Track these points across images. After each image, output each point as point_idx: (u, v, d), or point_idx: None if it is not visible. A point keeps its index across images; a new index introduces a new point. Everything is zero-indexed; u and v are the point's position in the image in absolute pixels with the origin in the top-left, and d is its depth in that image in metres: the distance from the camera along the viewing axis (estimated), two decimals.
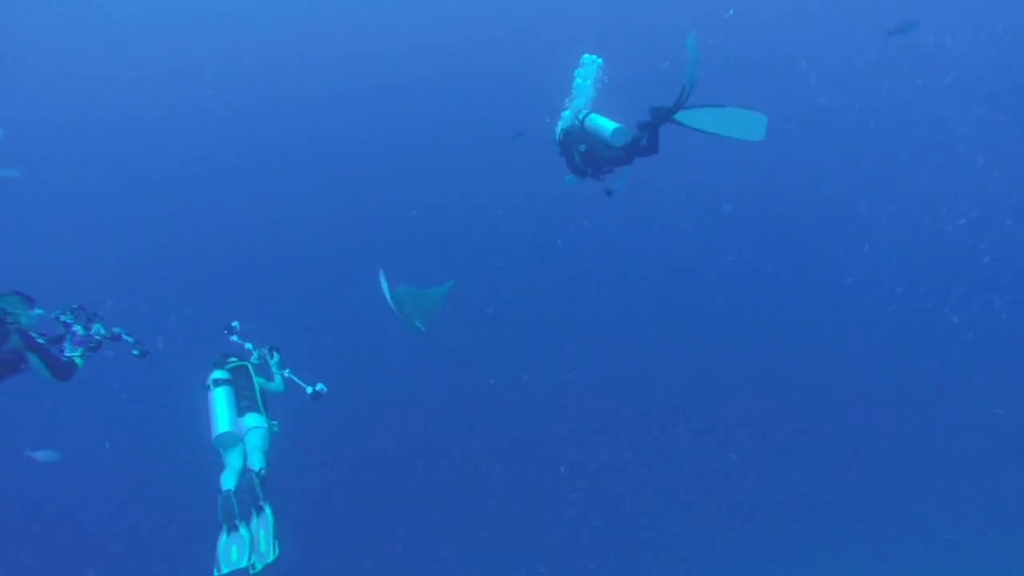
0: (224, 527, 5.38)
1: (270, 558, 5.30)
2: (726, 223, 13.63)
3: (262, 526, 5.47)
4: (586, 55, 7.16)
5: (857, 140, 14.64)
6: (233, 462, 5.88)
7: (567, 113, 7.05)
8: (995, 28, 14.56)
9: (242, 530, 5.36)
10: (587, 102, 7.07)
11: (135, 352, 5.92)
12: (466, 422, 11.30)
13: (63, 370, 5.34)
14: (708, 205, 13.91)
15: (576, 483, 11.04)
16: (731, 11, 14.54)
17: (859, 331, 12.74)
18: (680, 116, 5.65)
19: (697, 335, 12.62)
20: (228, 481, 5.71)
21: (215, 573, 5.21)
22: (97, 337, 5.69)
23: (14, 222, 13.21)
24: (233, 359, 6.36)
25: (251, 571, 5.31)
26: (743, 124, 5.66)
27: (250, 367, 6.37)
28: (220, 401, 6.00)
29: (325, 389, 6.37)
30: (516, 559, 10.16)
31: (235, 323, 6.38)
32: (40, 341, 5.23)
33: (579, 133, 6.72)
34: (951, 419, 11.48)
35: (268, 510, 5.58)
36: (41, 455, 12.29)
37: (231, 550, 5.28)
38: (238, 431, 5.95)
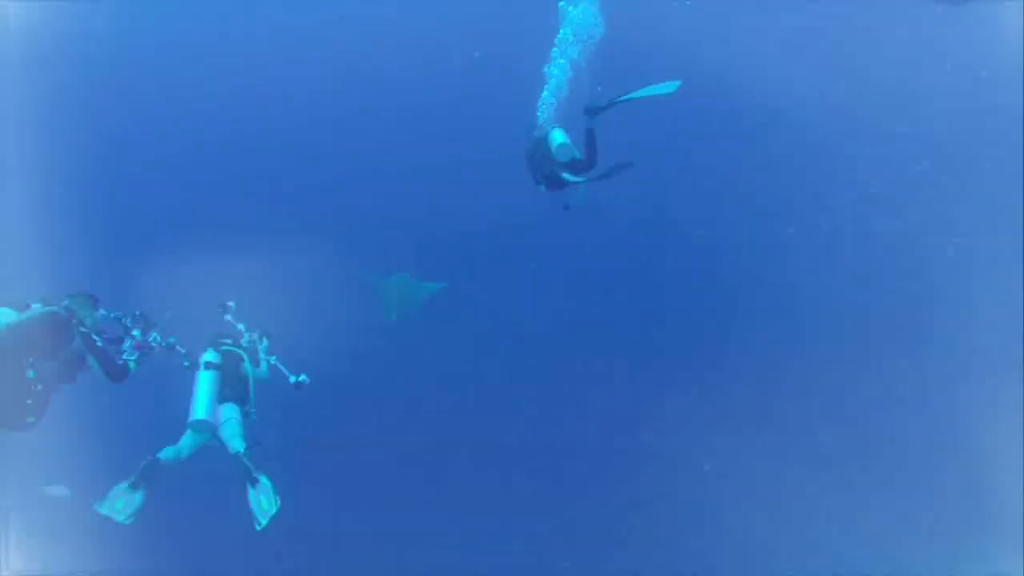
0: (134, 479, 5.85)
1: (274, 510, 5.86)
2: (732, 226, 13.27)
3: (262, 492, 5.95)
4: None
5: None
6: (185, 447, 6.33)
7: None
8: None
9: (139, 495, 5.83)
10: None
11: (186, 364, 6.34)
12: (468, 418, 11.04)
13: (118, 372, 5.66)
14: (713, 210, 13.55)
15: (591, 480, 10.65)
16: None
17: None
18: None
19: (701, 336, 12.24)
20: (166, 455, 6.18)
21: (94, 507, 5.73)
22: (153, 344, 6.09)
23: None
24: (228, 341, 6.71)
25: (257, 527, 5.81)
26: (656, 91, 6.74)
27: (243, 354, 6.66)
28: (204, 385, 6.37)
29: (307, 380, 6.66)
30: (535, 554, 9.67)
31: (231, 303, 6.78)
32: (100, 344, 5.55)
33: (543, 142, 7.07)
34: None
35: (264, 478, 6.05)
36: (54, 491, 12.46)
37: (119, 500, 5.78)
38: (213, 420, 6.32)
